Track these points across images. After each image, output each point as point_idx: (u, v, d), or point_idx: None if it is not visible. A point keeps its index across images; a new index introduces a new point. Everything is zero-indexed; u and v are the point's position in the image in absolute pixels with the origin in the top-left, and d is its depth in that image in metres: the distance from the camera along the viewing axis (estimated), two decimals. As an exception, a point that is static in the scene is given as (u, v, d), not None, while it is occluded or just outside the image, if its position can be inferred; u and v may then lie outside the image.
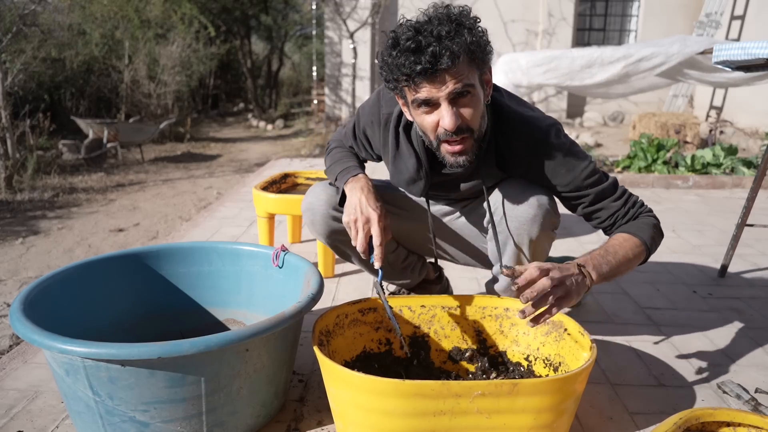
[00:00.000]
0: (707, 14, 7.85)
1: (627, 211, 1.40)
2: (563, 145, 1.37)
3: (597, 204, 1.40)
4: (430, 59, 1.12)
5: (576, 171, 1.37)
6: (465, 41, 1.14)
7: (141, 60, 8.67)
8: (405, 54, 1.14)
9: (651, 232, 1.36)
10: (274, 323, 1.18)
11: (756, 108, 7.26)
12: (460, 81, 1.16)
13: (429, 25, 1.14)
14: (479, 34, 1.18)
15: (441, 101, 1.19)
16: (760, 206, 3.63)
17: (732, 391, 1.49)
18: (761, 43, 1.97)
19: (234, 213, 3.52)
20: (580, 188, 1.38)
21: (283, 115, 11.97)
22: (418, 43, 1.13)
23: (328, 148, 1.67)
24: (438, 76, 1.15)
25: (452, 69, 1.14)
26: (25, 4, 5.86)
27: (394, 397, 1.10)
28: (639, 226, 1.37)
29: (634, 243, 1.33)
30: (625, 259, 1.30)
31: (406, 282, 1.83)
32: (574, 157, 1.37)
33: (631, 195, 1.43)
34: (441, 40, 1.12)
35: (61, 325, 1.25)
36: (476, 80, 1.21)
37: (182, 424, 1.17)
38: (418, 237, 1.69)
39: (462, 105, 1.21)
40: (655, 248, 1.38)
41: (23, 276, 2.92)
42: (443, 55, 1.12)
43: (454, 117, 1.20)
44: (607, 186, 1.40)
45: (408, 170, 1.47)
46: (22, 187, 4.97)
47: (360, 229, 1.35)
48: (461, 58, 1.14)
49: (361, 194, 1.38)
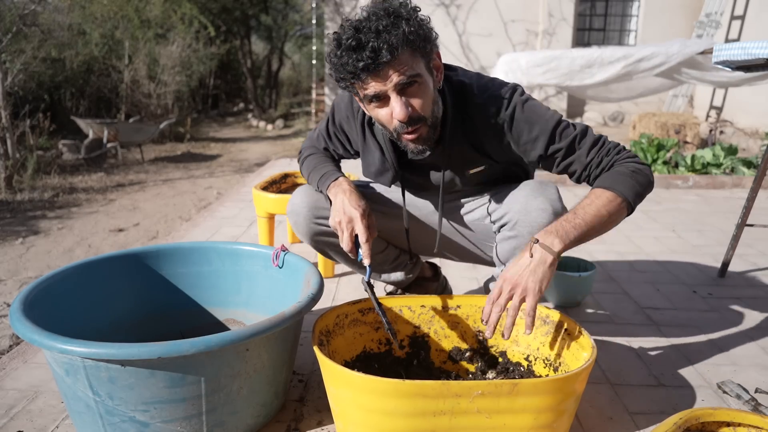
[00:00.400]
0: (707, 14, 7.85)
1: (600, 160, 1.33)
2: (524, 101, 1.35)
3: (570, 157, 1.35)
4: (370, 54, 1.14)
5: (542, 123, 1.34)
6: (403, 32, 1.15)
7: (141, 60, 8.67)
8: (348, 52, 1.17)
9: (629, 181, 1.27)
10: (274, 323, 1.18)
11: (756, 108, 7.26)
12: (404, 72, 1.18)
13: (368, 22, 1.16)
14: (417, 24, 1.18)
15: (389, 94, 1.21)
16: (760, 206, 3.62)
17: (732, 391, 1.49)
18: (761, 43, 1.97)
19: (234, 213, 3.52)
20: (551, 141, 1.34)
21: (283, 115, 11.97)
22: (359, 40, 1.15)
23: (300, 156, 1.65)
24: (381, 70, 1.17)
25: (394, 61, 1.16)
26: (25, 4, 5.86)
27: (394, 397, 1.10)
28: (614, 177, 1.29)
29: (607, 198, 1.26)
30: (597, 218, 1.24)
31: (399, 281, 1.83)
32: (537, 110, 1.35)
33: (606, 142, 1.36)
34: (380, 34, 1.14)
35: (61, 325, 1.25)
36: (422, 69, 1.22)
37: (182, 424, 1.17)
38: (416, 235, 1.69)
39: (411, 95, 1.23)
40: (639, 198, 1.29)
41: (23, 276, 2.92)
42: (382, 49, 1.14)
43: (404, 107, 1.22)
44: (578, 134, 1.34)
45: (375, 163, 1.50)
46: (22, 187, 4.98)
47: (344, 229, 1.35)
48: (400, 49, 1.16)
49: (343, 196, 1.38)
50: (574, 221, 1.23)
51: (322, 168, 1.52)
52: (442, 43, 1.41)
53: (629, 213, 1.31)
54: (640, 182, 1.29)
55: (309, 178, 1.57)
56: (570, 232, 1.21)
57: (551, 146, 1.34)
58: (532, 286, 1.18)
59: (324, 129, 1.59)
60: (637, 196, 1.29)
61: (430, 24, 1.24)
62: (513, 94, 1.36)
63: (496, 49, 8.88)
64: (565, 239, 1.21)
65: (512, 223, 1.41)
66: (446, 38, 9.23)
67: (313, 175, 1.53)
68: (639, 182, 1.29)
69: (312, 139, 1.65)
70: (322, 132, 1.61)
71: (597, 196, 1.27)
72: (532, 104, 1.35)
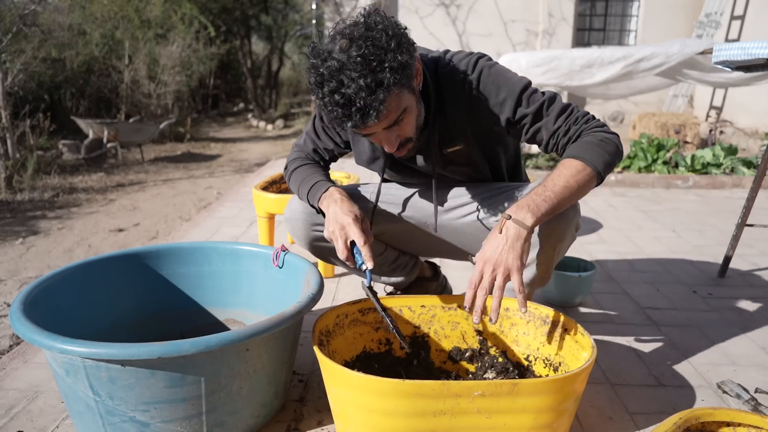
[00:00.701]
0: (707, 14, 7.85)
1: (568, 129, 1.31)
2: (491, 65, 1.34)
3: (537, 123, 1.33)
4: (360, 119, 1.14)
5: (509, 85, 1.32)
6: (388, 84, 1.12)
7: (141, 60, 8.67)
8: (335, 108, 1.15)
9: (598, 151, 1.25)
10: (274, 323, 1.18)
11: (756, 108, 7.26)
12: (391, 118, 1.20)
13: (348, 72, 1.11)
14: (398, 63, 1.14)
15: (377, 132, 1.24)
16: (760, 206, 3.62)
17: (732, 390, 1.49)
18: (761, 43, 1.97)
19: (234, 213, 3.52)
20: (518, 104, 1.32)
21: (283, 115, 11.97)
22: (343, 96, 1.12)
23: (286, 171, 1.60)
24: (369, 125, 1.17)
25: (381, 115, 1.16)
26: (25, 4, 5.86)
27: (394, 397, 1.10)
28: (583, 147, 1.27)
29: (576, 168, 1.24)
30: (566, 189, 1.22)
31: (399, 282, 1.82)
32: (505, 74, 1.34)
33: (575, 110, 1.33)
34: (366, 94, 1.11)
35: (61, 325, 1.25)
36: (407, 98, 1.22)
37: (182, 424, 1.17)
38: (407, 237, 1.68)
39: (399, 126, 1.24)
40: (608, 167, 1.27)
41: (23, 276, 2.92)
42: (370, 115, 1.13)
43: (392, 143, 1.25)
44: (546, 100, 1.32)
45: (365, 151, 1.52)
46: (22, 187, 4.97)
47: (338, 237, 1.32)
48: (386, 102, 1.15)
49: (334, 206, 1.36)
50: (544, 194, 1.22)
51: (310, 180, 1.48)
52: (442, 43, 1.42)
53: (599, 183, 1.29)
54: (609, 151, 1.27)
55: (299, 194, 1.52)
56: (541, 206, 1.20)
57: (518, 109, 1.32)
58: (515, 263, 1.16)
59: (311, 129, 1.57)
60: (606, 166, 1.27)
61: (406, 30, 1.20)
62: (479, 60, 1.35)
63: (496, 49, 8.87)
64: (536, 212, 1.19)
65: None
66: (446, 38, 9.23)
67: (302, 189, 1.49)
68: (608, 151, 1.27)
69: (298, 146, 1.61)
70: (309, 133, 1.58)
71: (566, 166, 1.25)
72: (499, 68, 1.35)
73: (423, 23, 9.19)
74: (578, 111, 1.34)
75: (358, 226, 1.31)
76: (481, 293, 1.18)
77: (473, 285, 1.19)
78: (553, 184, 1.23)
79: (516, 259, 1.16)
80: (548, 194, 1.21)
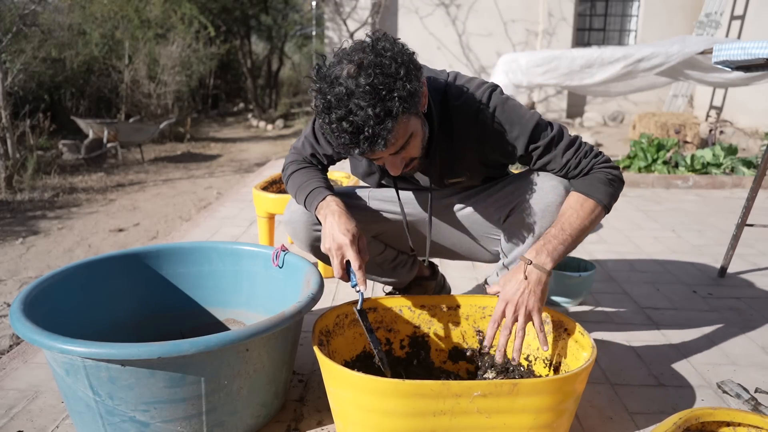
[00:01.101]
0: (707, 14, 7.85)
1: (578, 162, 1.36)
2: (504, 101, 1.36)
3: (547, 156, 1.37)
4: (369, 147, 1.13)
5: (522, 123, 1.34)
6: (396, 112, 1.12)
7: (141, 60, 8.66)
8: (341, 134, 1.13)
9: (605, 189, 1.34)
10: (274, 323, 1.18)
11: (756, 108, 7.26)
12: (398, 144, 1.20)
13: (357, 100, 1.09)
14: (408, 92, 1.13)
15: (384, 157, 1.25)
16: (760, 206, 3.62)
17: (732, 390, 1.49)
18: (761, 43, 1.97)
19: (234, 213, 3.52)
20: (531, 141, 1.35)
21: (283, 115, 11.96)
22: (352, 124, 1.11)
23: (284, 174, 1.58)
24: (377, 153, 1.18)
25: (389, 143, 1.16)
26: (25, 4, 5.86)
27: (394, 397, 1.10)
28: (594, 185, 1.34)
29: (590, 207, 1.32)
30: (581, 230, 1.31)
31: (397, 281, 1.82)
32: (517, 110, 1.36)
33: (582, 145, 1.39)
34: (375, 123, 1.10)
35: (61, 325, 1.25)
36: (413, 123, 1.21)
37: (182, 424, 1.17)
38: (403, 237, 1.68)
39: (405, 150, 1.24)
40: (614, 201, 1.36)
41: (23, 276, 2.92)
42: (378, 143, 1.13)
43: (398, 167, 1.26)
44: (555, 135, 1.36)
45: (362, 165, 1.53)
46: (22, 187, 4.97)
47: (334, 257, 1.31)
48: (394, 131, 1.14)
49: (332, 219, 1.33)
50: (561, 237, 1.29)
51: (308, 186, 1.45)
52: (442, 43, 1.42)
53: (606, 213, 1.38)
54: (615, 186, 1.36)
55: (296, 198, 1.50)
56: (558, 249, 1.28)
57: (531, 145, 1.36)
58: (536, 305, 1.25)
59: (310, 133, 1.54)
60: (612, 199, 1.36)
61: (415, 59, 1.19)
62: (492, 93, 1.36)
63: (496, 49, 8.87)
64: (555, 256, 1.28)
65: (523, 206, 1.41)
66: (446, 38, 9.23)
67: (300, 195, 1.48)
68: (615, 186, 1.36)
69: (296, 149, 1.59)
70: (308, 137, 1.55)
71: (581, 206, 1.33)
72: (512, 104, 1.36)
73: (423, 23, 9.19)
74: (585, 145, 1.39)
75: (355, 247, 1.30)
76: (504, 332, 1.26)
77: (495, 323, 1.27)
78: (570, 226, 1.30)
79: (537, 302, 1.25)
80: (565, 237, 1.29)
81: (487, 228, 1.59)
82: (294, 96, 16.47)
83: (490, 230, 1.59)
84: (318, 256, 1.62)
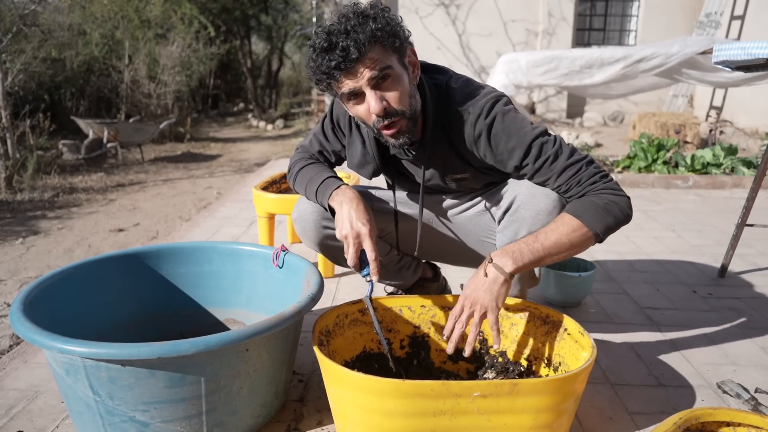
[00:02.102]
0: (707, 14, 7.85)
1: (569, 188, 1.31)
2: (506, 112, 1.34)
3: (542, 173, 1.33)
4: (340, 53, 1.19)
5: (520, 135, 1.31)
6: (371, 29, 1.19)
7: (141, 60, 8.67)
8: (321, 54, 1.22)
9: (599, 214, 1.25)
10: (274, 323, 1.18)
11: (756, 108, 7.26)
12: (374, 67, 1.21)
13: (338, 24, 1.21)
14: (385, 21, 1.23)
15: (364, 89, 1.24)
16: (760, 206, 3.62)
17: (732, 390, 1.49)
18: (761, 43, 1.97)
19: (234, 213, 3.52)
20: (526, 154, 1.32)
21: (283, 115, 11.97)
22: (330, 41, 1.20)
23: (290, 173, 1.59)
24: (352, 67, 1.21)
25: (363, 58, 1.20)
26: (25, 4, 5.86)
27: (394, 397, 1.10)
28: (586, 207, 1.27)
29: (572, 226, 1.25)
30: (556, 245, 1.25)
31: (402, 282, 1.83)
32: (518, 122, 1.33)
33: (580, 170, 1.31)
34: (348, 33, 1.19)
35: (61, 325, 1.25)
36: (394, 62, 1.25)
37: (182, 424, 1.17)
38: (410, 239, 1.68)
39: (385, 89, 1.25)
40: (608, 230, 1.27)
41: (23, 276, 2.92)
42: (350, 47, 1.18)
43: (378, 102, 1.24)
44: (552, 154, 1.31)
45: (356, 154, 1.52)
46: (22, 187, 4.97)
47: (351, 244, 1.31)
48: (368, 45, 1.19)
49: (349, 207, 1.33)
50: (532, 245, 1.26)
51: (319, 177, 1.46)
52: (442, 43, 1.42)
53: (598, 242, 1.30)
54: (613, 214, 1.27)
55: (306, 192, 1.50)
56: (525, 255, 1.25)
57: (526, 159, 1.33)
58: (490, 303, 1.24)
59: (319, 130, 1.57)
60: (607, 229, 1.27)
61: (402, 23, 1.28)
62: (495, 103, 1.34)
63: (496, 49, 8.88)
64: (519, 261, 1.24)
65: (515, 208, 1.40)
66: (446, 38, 9.23)
67: (310, 187, 1.47)
68: (612, 214, 1.27)
69: (303, 147, 1.61)
70: (317, 134, 1.58)
71: (563, 222, 1.27)
72: (514, 116, 1.34)
73: (423, 23, 9.19)
74: (584, 171, 1.31)
75: (374, 239, 1.31)
76: (458, 326, 1.26)
77: (453, 317, 1.28)
78: (545, 237, 1.26)
79: (492, 300, 1.24)
80: (536, 246, 1.25)
81: (486, 232, 1.60)
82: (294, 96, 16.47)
83: (487, 234, 1.59)
84: (327, 254, 1.61)
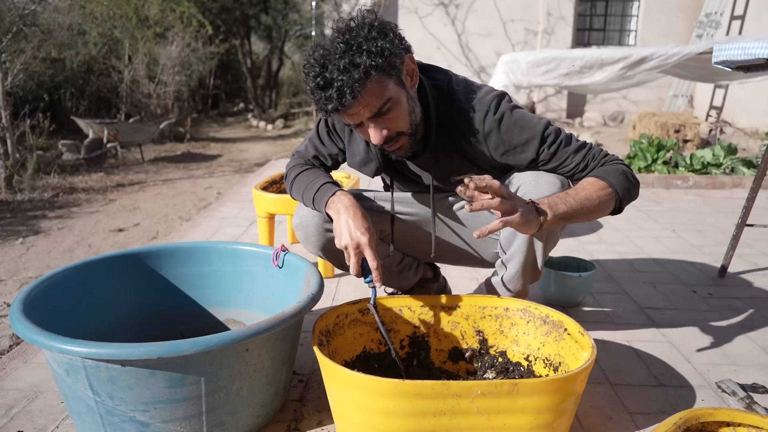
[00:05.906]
0: (707, 14, 7.85)
1: (587, 164, 1.38)
2: (513, 108, 1.37)
3: (558, 156, 1.38)
4: (336, 95, 1.17)
5: (532, 127, 1.36)
6: (364, 67, 1.16)
7: (140, 60, 8.67)
8: (317, 91, 1.20)
9: (619, 178, 1.33)
10: (274, 323, 1.18)
11: (756, 108, 7.26)
12: (373, 105, 1.21)
13: (331, 57, 1.18)
14: (378, 51, 1.18)
15: (364, 122, 1.25)
16: (760, 206, 3.63)
17: (728, 388, 1.49)
18: (761, 43, 1.97)
19: (234, 213, 3.52)
20: (541, 143, 1.36)
21: (283, 115, 11.97)
22: (324, 79, 1.18)
23: (287, 180, 1.58)
24: (350, 109, 1.21)
25: (360, 99, 1.18)
26: (25, 4, 5.86)
27: (394, 397, 1.10)
28: (606, 170, 1.35)
29: (599, 185, 1.31)
30: (587, 200, 1.29)
31: (404, 284, 1.82)
32: (526, 116, 1.37)
33: (591, 148, 1.40)
34: (342, 73, 1.16)
35: (61, 325, 1.25)
36: (392, 90, 1.23)
37: (182, 424, 1.17)
38: (412, 239, 1.68)
39: (386, 117, 1.25)
40: (627, 195, 1.34)
41: (23, 276, 2.92)
42: (345, 93, 1.17)
43: (378, 133, 1.26)
44: (564, 138, 1.38)
45: (359, 152, 1.52)
46: (22, 187, 4.97)
47: (352, 254, 1.31)
48: (362, 85, 1.17)
49: (347, 215, 1.33)
50: (565, 198, 1.28)
51: (315, 184, 1.44)
52: (441, 43, 1.43)
53: (616, 208, 1.35)
54: (630, 181, 1.35)
55: (303, 199, 1.49)
56: (559, 206, 1.26)
57: (541, 148, 1.37)
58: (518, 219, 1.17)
59: (314, 135, 1.56)
60: (626, 193, 1.34)
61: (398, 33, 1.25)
62: (501, 100, 1.38)
63: (496, 49, 8.88)
64: (555, 209, 1.25)
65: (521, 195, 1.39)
66: (446, 38, 9.23)
67: (307, 194, 1.46)
68: (629, 181, 1.35)
69: (299, 152, 1.60)
70: (312, 139, 1.57)
71: (590, 182, 1.33)
72: (520, 111, 1.38)
73: (422, 23, 9.19)
74: (594, 149, 1.40)
75: (374, 247, 1.31)
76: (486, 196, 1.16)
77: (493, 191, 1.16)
78: (576, 194, 1.29)
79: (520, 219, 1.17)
80: (569, 200, 1.28)
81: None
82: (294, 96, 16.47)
83: None
84: (330, 258, 1.60)
